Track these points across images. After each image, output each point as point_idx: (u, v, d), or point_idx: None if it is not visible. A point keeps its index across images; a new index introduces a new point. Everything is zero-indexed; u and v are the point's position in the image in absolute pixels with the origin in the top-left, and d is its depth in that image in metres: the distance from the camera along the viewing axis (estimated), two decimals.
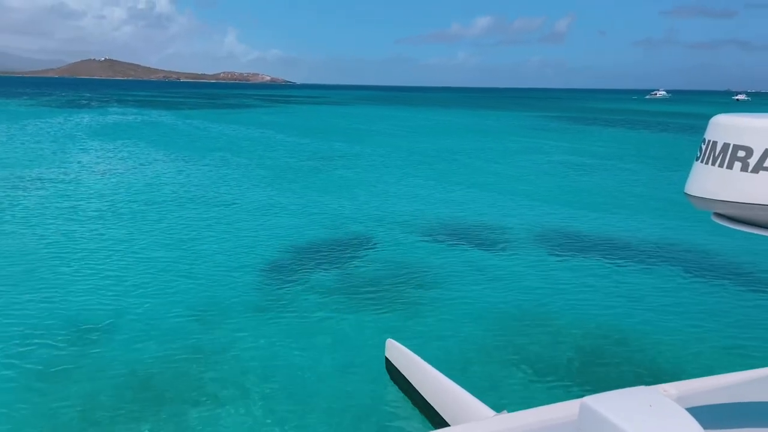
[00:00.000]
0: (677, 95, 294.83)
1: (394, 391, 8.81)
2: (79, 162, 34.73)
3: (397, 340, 9.43)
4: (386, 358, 9.26)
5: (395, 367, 8.91)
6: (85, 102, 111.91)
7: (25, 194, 24.69)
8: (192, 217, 21.60)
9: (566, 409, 3.65)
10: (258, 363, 10.57)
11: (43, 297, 13.33)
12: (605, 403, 2.98)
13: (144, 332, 11.69)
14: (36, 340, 11.15)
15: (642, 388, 3.21)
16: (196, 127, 62.08)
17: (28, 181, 27.84)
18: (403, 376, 8.58)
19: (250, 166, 34.99)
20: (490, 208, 24.98)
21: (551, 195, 28.18)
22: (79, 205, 23.00)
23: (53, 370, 10.13)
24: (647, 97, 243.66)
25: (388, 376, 9.02)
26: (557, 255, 18.00)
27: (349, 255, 17.45)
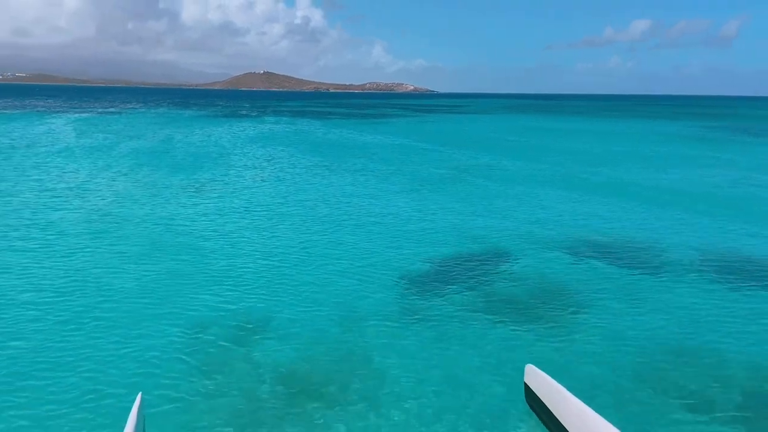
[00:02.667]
0: None
1: (533, 421, 8.35)
2: (236, 168, 37.62)
3: (537, 365, 8.92)
4: (525, 384, 8.78)
5: (535, 394, 8.42)
6: (244, 112, 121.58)
7: (189, 200, 27.16)
8: (335, 223, 22.39)
9: None
10: (394, 372, 10.60)
11: (203, 297, 14.50)
12: None
13: (293, 334, 12.26)
14: (200, 336, 12.14)
15: None
16: (342, 136, 64.74)
17: (195, 186, 30.63)
18: (544, 405, 8.07)
19: (391, 175, 35.66)
20: (643, 223, 23.12)
21: (715, 211, 25.48)
22: (233, 208, 24.83)
23: (212, 361, 10.99)
24: None
25: (526, 404, 8.57)
26: (722, 280, 16.15)
27: (488, 269, 17.01)
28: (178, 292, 14.59)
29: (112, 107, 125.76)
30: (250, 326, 12.61)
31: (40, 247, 18.06)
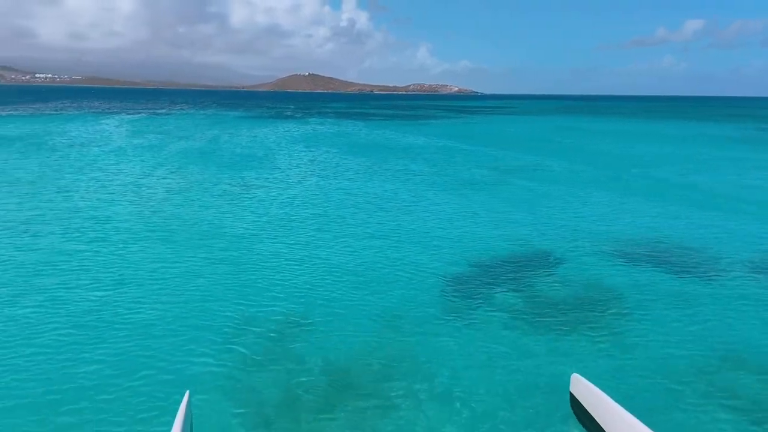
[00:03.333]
0: None
1: None
2: (281, 168, 38.13)
3: (583, 373, 8.66)
4: (571, 394, 8.52)
5: (582, 405, 8.16)
6: (289, 113, 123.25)
7: (236, 197, 27.67)
8: (378, 223, 22.43)
9: None
10: (435, 374, 10.51)
11: (248, 293, 14.73)
12: None
13: (336, 332, 12.32)
14: (245, 331, 12.31)
15: None
16: (385, 137, 64.84)
17: (241, 184, 31.18)
18: (591, 417, 7.80)
19: (434, 176, 35.50)
20: (693, 228, 22.32)
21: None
22: (278, 206, 25.15)
23: (258, 358, 11.13)
24: None
25: (572, 414, 8.32)
26: None
27: (532, 272, 16.71)
28: (224, 287, 14.87)
29: (162, 109, 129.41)
30: (295, 323, 12.74)
31: (96, 241, 18.70)
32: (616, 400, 7.07)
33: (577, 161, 44.16)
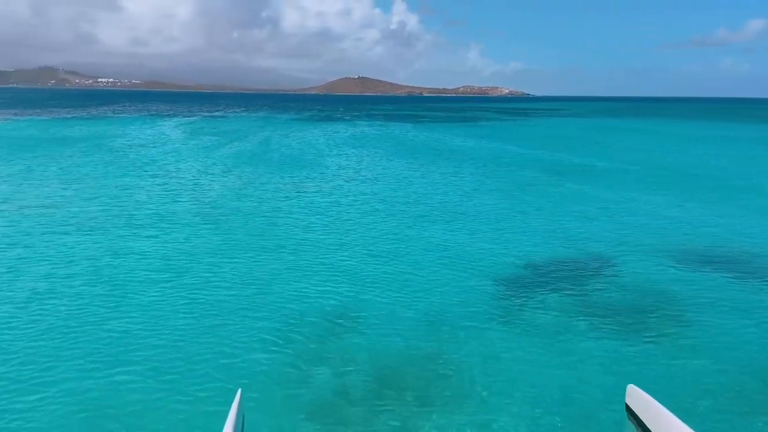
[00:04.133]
0: None
1: None
2: (331, 168, 38.49)
3: (639, 384, 8.36)
4: (627, 405, 8.21)
5: (639, 418, 7.85)
6: (339, 115, 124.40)
7: (287, 196, 28.08)
8: (427, 224, 22.34)
9: None
10: (485, 377, 10.38)
11: (300, 291, 14.94)
12: None
13: (386, 331, 12.38)
14: (297, 329, 12.50)
15: None
16: (434, 138, 64.61)
17: (293, 183, 31.64)
18: (648, 429, 7.50)
19: (483, 177, 35.13)
20: (754, 234, 21.34)
21: None
22: (328, 206, 25.39)
23: (309, 355, 11.27)
24: None
25: (629, 425, 8.03)
26: None
27: (586, 276, 16.30)
28: (277, 285, 15.15)
29: (216, 111, 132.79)
30: (345, 320, 12.84)
31: (156, 235, 19.33)
32: (675, 413, 6.79)
33: (631, 163, 42.86)
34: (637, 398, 7.79)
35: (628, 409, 8.07)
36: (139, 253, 17.76)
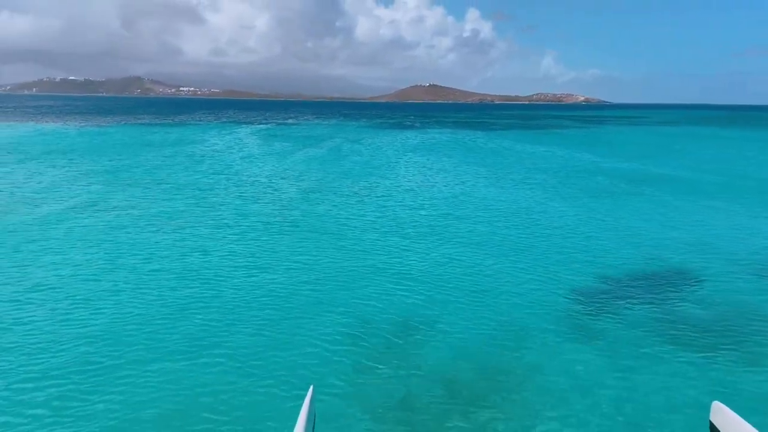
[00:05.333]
0: None
1: None
2: (401, 175, 38.65)
3: (725, 401, 7.89)
4: (711, 423, 7.77)
5: None
6: (409, 123, 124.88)
7: (357, 202, 28.40)
8: (498, 232, 22.00)
9: None
10: (558, 392, 10.02)
11: (370, 295, 15.03)
12: None
13: (455, 339, 12.21)
14: (366, 332, 12.57)
15: None
16: (505, 147, 63.71)
17: (363, 190, 31.99)
18: None
19: (557, 187, 34.27)
20: None
21: None
22: (398, 213, 25.47)
23: (378, 358, 11.29)
24: None
25: None
26: None
27: (667, 289, 15.54)
28: (350, 285, 15.34)
29: (290, 119, 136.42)
30: (414, 327, 12.78)
31: (238, 235, 20.05)
32: None
33: (714, 173, 40.65)
34: (723, 416, 7.35)
35: (713, 428, 7.63)
36: (221, 250, 18.64)
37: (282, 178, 35.68)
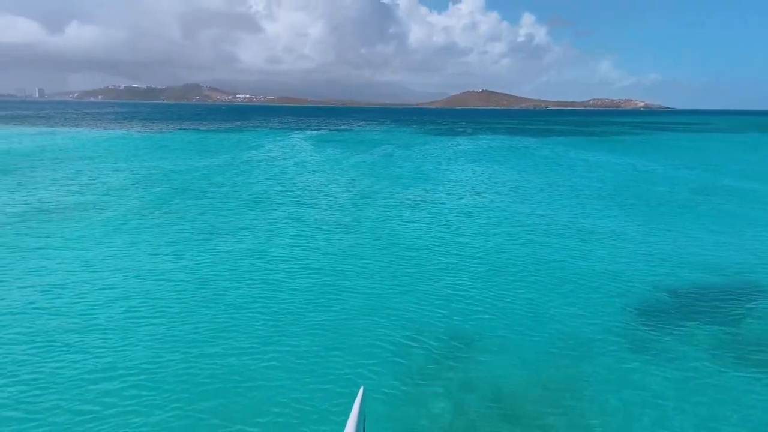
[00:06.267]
0: None
1: None
2: (452, 182, 38.31)
3: None
4: None
5: None
6: (461, 129, 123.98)
7: (408, 209, 28.28)
8: (555, 242, 21.45)
9: None
10: (620, 412, 9.64)
11: (422, 304, 14.90)
12: None
13: (509, 352, 11.94)
14: (418, 341, 12.48)
15: None
16: (561, 153, 62.33)
17: (414, 197, 31.87)
18: None
19: (614, 195, 33.20)
20: None
21: None
22: (451, 220, 25.21)
23: (430, 368, 11.18)
24: None
25: None
26: None
27: (740, 306, 14.72)
28: (403, 292, 15.26)
29: (342, 125, 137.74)
30: (468, 338, 12.57)
31: (294, 239, 20.29)
32: None
33: None
34: None
35: None
36: (279, 254, 19.05)
37: (335, 184, 35.95)
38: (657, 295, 15.51)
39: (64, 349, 11.65)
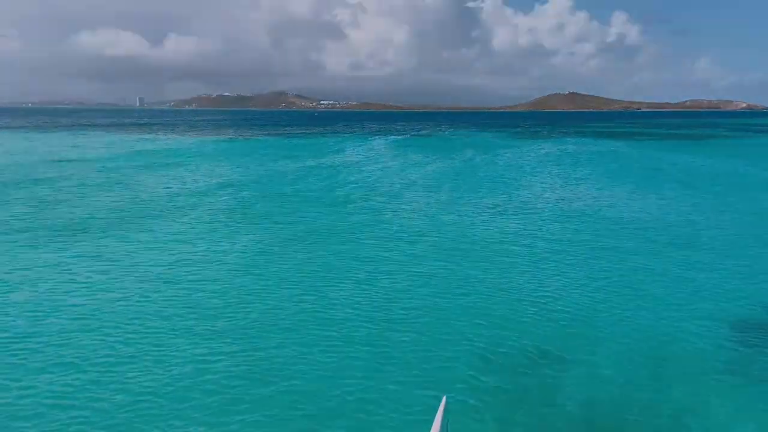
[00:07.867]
0: None
1: None
2: (535, 189, 37.30)
3: None
4: None
5: None
6: (546, 133, 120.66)
7: (490, 217, 27.75)
8: (652, 254, 20.33)
9: None
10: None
11: (508, 313, 14.55)
12: None
13: (595, 371, 11.39)
14: (502, 350, 12.20)
15: None
16: (654, 158, 59.26)
17: (495, 204, 31.26)
18: None
19: (714, 203, 31.10)
20: None
21: None
22: (532, 229, 24.49)
23: (513, 380, 10.89)
24: None
25: None
26: None
27: None
28: (486, 304, 14.95)
29: (424, 130, 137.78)
30: (553, 354, 12.12)
31: (374, 245, 20.49)
32: None
33: None
34: None
35: None
36: (365, 257, 19.34)
37: (416, 190, 35.94)
38: (759, 310, 14.33)
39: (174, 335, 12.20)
